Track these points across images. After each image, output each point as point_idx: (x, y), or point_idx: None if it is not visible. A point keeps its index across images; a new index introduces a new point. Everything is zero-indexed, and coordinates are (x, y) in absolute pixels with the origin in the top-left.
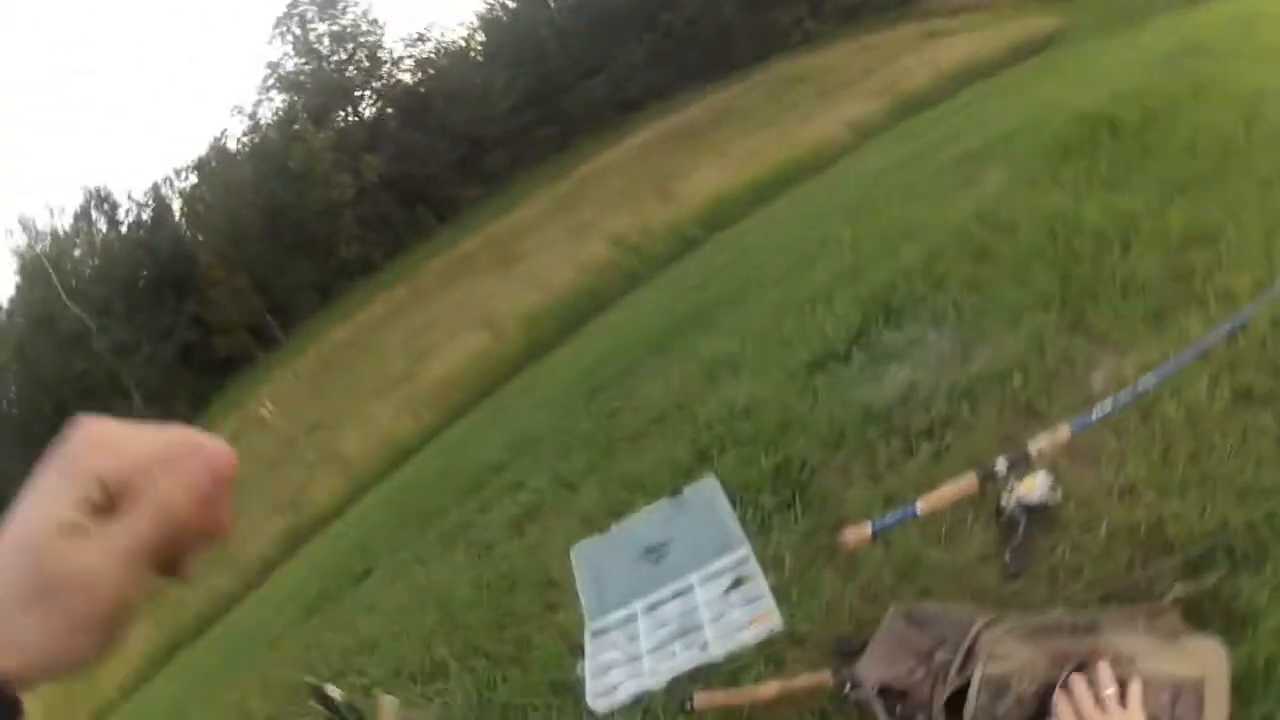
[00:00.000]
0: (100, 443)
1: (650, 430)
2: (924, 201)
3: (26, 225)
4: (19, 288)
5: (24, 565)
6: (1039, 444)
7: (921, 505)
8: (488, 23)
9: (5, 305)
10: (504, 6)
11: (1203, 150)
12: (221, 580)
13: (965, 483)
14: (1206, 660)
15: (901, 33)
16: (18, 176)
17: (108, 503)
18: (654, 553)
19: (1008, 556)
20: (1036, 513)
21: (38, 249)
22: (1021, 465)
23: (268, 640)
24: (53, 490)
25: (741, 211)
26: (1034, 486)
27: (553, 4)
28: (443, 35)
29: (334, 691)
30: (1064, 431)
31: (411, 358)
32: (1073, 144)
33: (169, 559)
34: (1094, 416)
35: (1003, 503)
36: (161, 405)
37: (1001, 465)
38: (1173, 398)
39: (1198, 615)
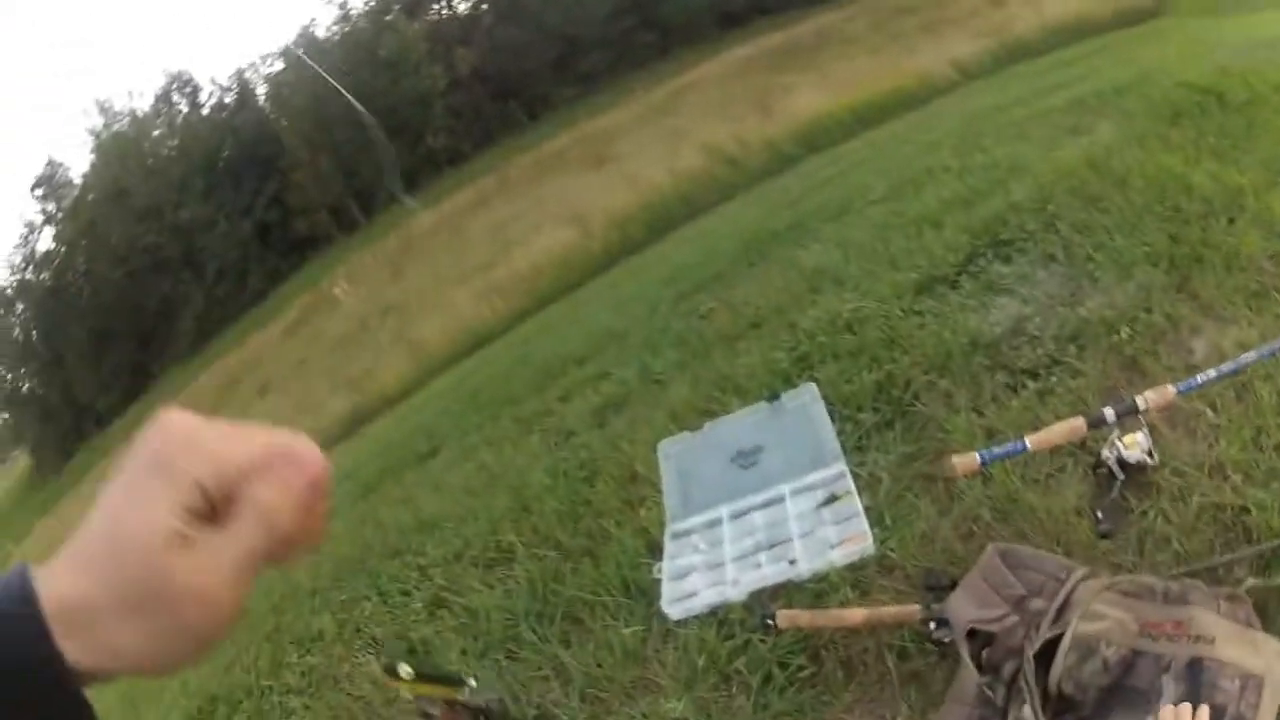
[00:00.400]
0: (195, 445)
1: (747, 334)
2: (1033, 142)
3: (104, 107)
4: (94, 165)
5: (128, 573)
6: (1146, 398)
7: (1031, 441)
8: None
9: (79, 181)
10: None
11: None
12: None
13: (1073, 425)
14: (1271, 660)
15: None
16: (99, 65)
17: (210, 511)
18: (745, 458)
19: (1099, 514)
20: (1133, 472)
21: (114, 128)
22: (1129, 417)
23: None
24: (152, 494)
25: (842, 134)
26: (1134, 444)
27: None
28: None
29: (405, 671)
30: (1170, 390)
31: (496, 248)
32: (1182, 109)
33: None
34: (1199, 380)
35: (1103, 455)
36: (235, 281)
37: (1110, 414)
38: (1266, 382)
39: (1262, 612)
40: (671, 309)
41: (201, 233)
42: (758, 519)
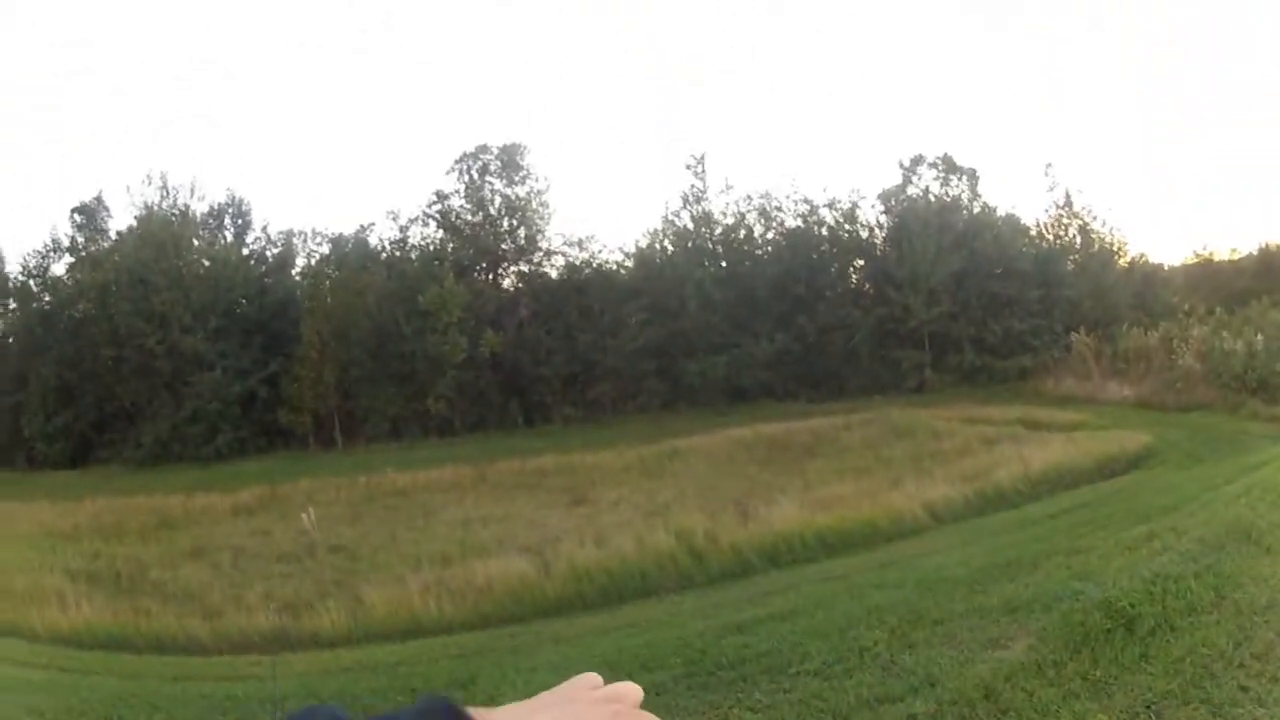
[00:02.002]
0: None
1: None
2: (957, 647)
3: (167, 186)
4: (133, 232)
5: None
6: None
7: None
8: (642, 258)
9: (114, 236)
10: (664, 251)
11: (1190, 666)
12: (195, 624)
13: None
14: None
15: (1007, 412)
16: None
17: None
18: None
19: None
20: None
21: (166, 211)
22: None
23: None
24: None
25: (806, 554)
26: None
27: (707, 267)
28: (600, 250)
29: None
30: None
31: (456, 544)
32: (1091, 635)
33: None
34: None
35: None
36: (204, 429)
37: None
38: None
39: None
40: None
41: (194, 369)
42: None
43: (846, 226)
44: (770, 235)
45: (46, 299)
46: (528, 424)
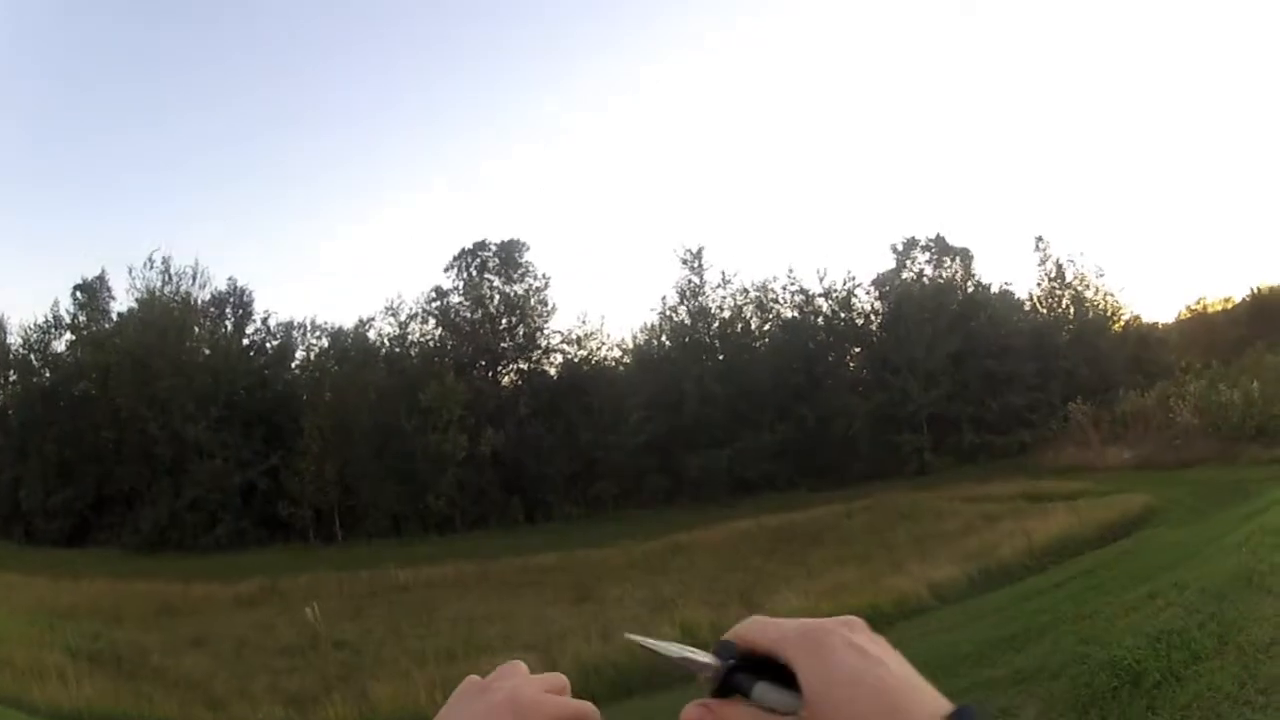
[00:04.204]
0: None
1: None
2: None
3: (170, 270)
4: (134, 315)
5: None
6: None
7: None
8: (641, 355)
9: (115, 317)
10: (662, 346)
11: (1196, 711)
12: (199, 713)
13: None
14: None
15: (1008, 487)
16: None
17: None
18: None
19: None
20: None
21: (168, 296)
22: None
23: None
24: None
25: None
26: None
27: (705, 361)
28: (598, 347)
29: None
30: None
31: (460, 641)
32: (1098, 695)
33: None
34: None
35: None
36: (205, 518)
37: None
38: None
39: None
40: None
41: (195, 457)
42: None
43: (842, 314)
44: (767, 327)
45: (47, 374)
46: (529, 521)
